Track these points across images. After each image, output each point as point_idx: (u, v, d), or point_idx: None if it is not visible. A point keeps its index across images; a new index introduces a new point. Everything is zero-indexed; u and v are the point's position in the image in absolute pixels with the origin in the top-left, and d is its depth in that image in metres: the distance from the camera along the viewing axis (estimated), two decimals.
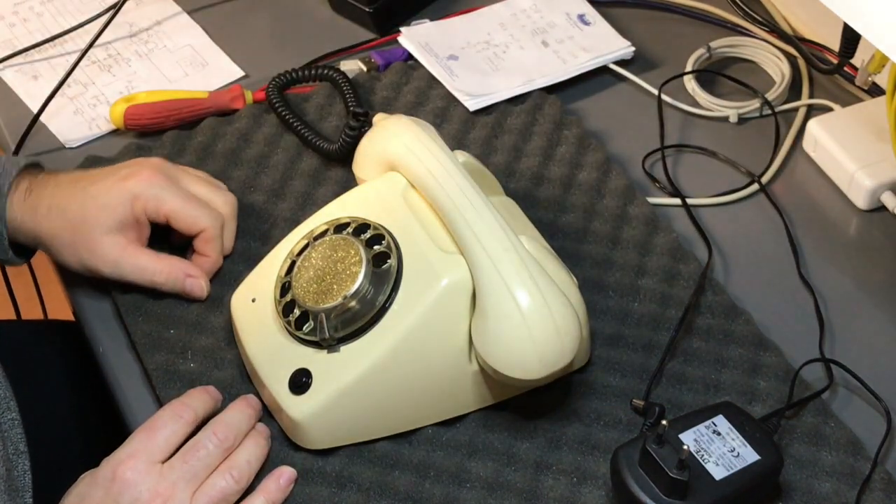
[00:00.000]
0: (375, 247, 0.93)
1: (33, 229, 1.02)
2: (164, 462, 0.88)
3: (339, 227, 0.95)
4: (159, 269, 1.01)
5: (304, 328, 0.92)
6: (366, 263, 0.91)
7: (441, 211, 0.92)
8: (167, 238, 1.05)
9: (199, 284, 1.01)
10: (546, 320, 0.87)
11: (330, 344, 0.91)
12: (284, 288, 0.94)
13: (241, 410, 0.92)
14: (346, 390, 0.90)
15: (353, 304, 0.91)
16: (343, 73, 1.18)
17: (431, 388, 0.92)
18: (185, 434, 0.90)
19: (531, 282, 0.88)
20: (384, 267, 0.92)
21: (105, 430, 1.04)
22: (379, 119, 1.02)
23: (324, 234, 0.96)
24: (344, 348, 0.91)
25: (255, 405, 0.93)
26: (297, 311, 0.93)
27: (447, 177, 0.92)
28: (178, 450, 0.89)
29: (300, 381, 0.91)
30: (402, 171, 0.95)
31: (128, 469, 0.87)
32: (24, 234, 1.03)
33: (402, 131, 0.97)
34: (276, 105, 1.16)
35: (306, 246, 0.95)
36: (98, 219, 1.00)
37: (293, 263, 0.95)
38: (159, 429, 0.89)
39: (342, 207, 0.98)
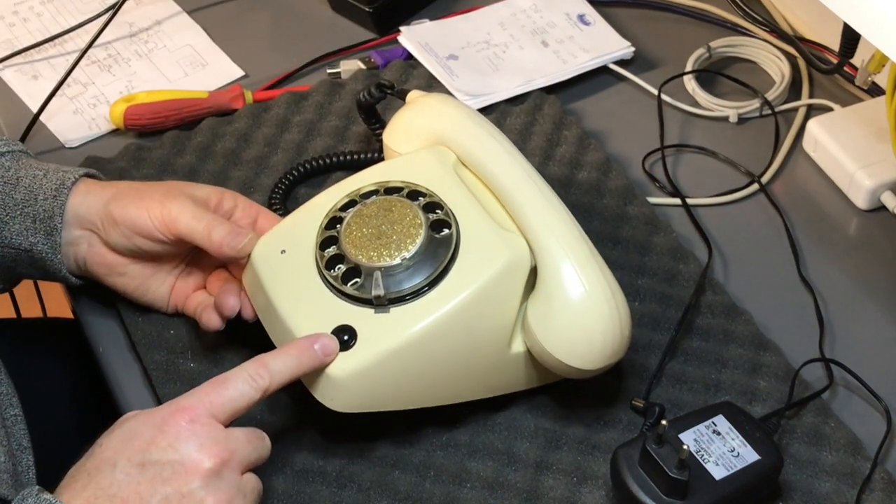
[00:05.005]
0: (432, 214, 0.92)
1: (95, 200, 0.97)
2: (222, 420, 0.83)
3: (390, 190, 0.94)
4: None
5: (349, 284, 0.90)
6: (426, 228, 0.90)
7: (503, 191, 0.92)
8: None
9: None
10: (612, 309, 0.88)
11: (382, 304, 0.89)
12: (326, 242, 0.92)
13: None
14: (394, 353, 0.88)
15: (411, 265, 0.89)
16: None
17: (471, 363, 0.91)
18: (252, 401, 0.84)
19: (600, 272, 0.88)
20: (442, 234, 0.91)
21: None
22: (416, 95, 1.02)
23: (372, 193, 0.94)
24: (394, 310, 0.89)
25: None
26: (343, 266, 0.91)
27: (510, 158, 0.92)
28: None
29: (342, 339, 0.88)
30: (454, 148, 0.95)
31: (186, 417, 0.81)
32: (79, 220, 0.98)
33: (452, 109, 0.97)
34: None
35: (352, 203, 0.94)
36: (187, 184, 0.99)
37: (337, 219, 0.93)
38: (229, 386, 0.83)
39: (391, 171, 0.96)
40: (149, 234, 0.96)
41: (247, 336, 0.97)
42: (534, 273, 0.90)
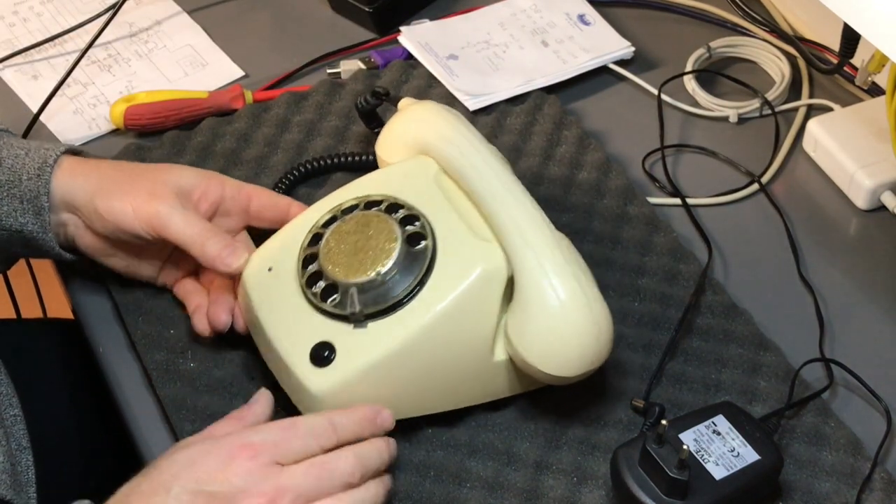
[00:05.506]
0: (409, 227, 0.92)
1: (81, 186, 0.97)
2: (283, 465, 0.84)
3: (370, 204, 0.94)
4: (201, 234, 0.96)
5: (328, 301, 0.91)
6: (401, 242, 0.91)
7: (480, 201, 0.91)
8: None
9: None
10: (587, 317, 0.87)
11: (358, 319, 0.89)
12: (308, 259, 0.93)
13: (380, 450, 0.88)
14: (372, 367, 0.88)
15: (387, 280, 0.90)
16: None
17: (453, 373, 0.91)
18: (313, 454, 0.85)
19: (573, 278, 0.88)
20: (418, 247, 0.91)
21: (104, 430, 1.04)
22: (407, 103, 1.02)
23: (352, 208, 0.94)
24: (372, 325, 0.89)
25: (393, 449, 0.89)
26: (322, 283, 0.91)
27: (487, 167, 0.92)
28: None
29: (321, 355, 0.89)
30: (435, 157, 0.95)
31: (252, 458, 0.82)
32: (65, 203, 0.98)
33: (435, 118, 0.97)
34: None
35: (333, 219, 0.94)
36: (170, 172, 0.98)
37: (318, 235, 0.93)
38: (300, 437, 0.85)
39: (372, 185, 0.96)
40: (133, 233, 0.96)
41: (247, 336, 0.97)
42: (512, 282, 0.90)
